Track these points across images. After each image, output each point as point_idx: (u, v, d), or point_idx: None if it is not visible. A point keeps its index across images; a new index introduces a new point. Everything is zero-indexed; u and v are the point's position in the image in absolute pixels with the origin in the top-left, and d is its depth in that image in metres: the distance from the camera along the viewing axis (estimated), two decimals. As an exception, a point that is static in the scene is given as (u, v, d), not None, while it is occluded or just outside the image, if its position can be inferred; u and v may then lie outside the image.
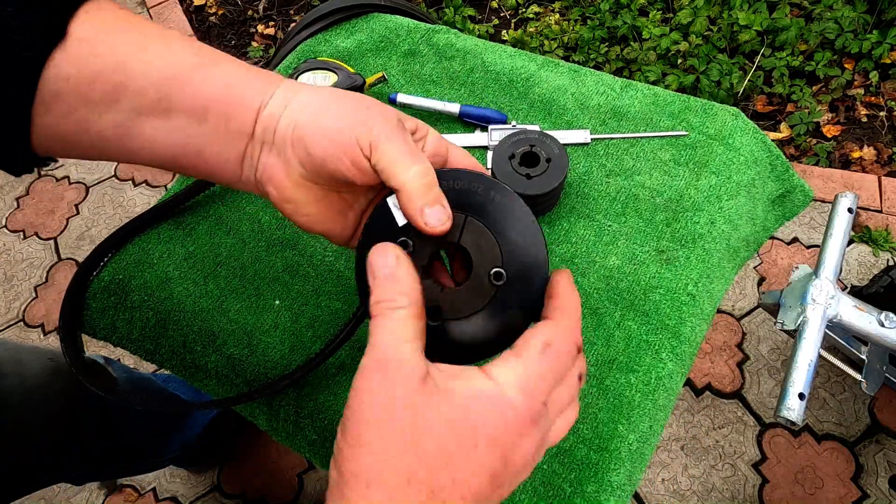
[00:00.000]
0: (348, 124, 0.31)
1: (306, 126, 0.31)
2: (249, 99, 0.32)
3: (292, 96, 0.33)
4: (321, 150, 0.31)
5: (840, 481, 1.02)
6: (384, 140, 0.30)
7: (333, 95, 0.33)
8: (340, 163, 0.30)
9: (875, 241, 1.24)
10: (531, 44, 1.60)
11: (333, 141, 0.30)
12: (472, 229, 0.32)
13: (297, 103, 0.32)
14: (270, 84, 0.33)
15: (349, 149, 0.30)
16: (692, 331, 0.52)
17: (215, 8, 1.87)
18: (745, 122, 0.62)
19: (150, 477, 1.14)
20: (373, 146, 0.30)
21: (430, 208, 0.30)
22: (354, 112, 0.31)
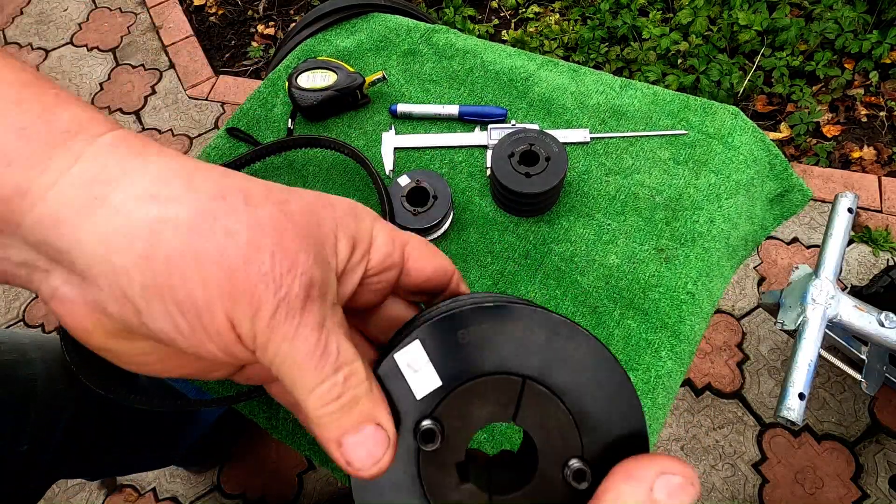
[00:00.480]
0: (217, 294, 0.18)
1: (140, 280, 0.18)
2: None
3: (108, 194, 0.18)
4: (168, 327, 0.18)
5: (840, 481, 1.02)
6: (280, 340, 0.19)
7: (196, 221, 0.18)
8: (201, 348, 0.19)
9: (875, 241, 1.24)
10: (531, 44, 1.60)
11: (191, 319, 0.18)
12: (534, 400, 0.21)
13: (118, 220, 0.18)
14: (50, 150, 0.18)
15: (217, 335, 0.19)
16: (691, 329, 0.52)
17: (215, 8, 1.88)
18: (745, 122, 0.62)
19: (150, 477, 1.14)
20: (260, 345, 0.19)
21: (352, 437, 0.19)
22: (227, 260, 0.18)
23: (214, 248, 0.18)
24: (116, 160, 0.18)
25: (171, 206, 0.18)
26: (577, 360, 0.21)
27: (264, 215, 0.19)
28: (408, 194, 0.57)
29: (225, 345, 0.19)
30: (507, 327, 0.21)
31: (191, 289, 0.18)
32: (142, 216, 0.18)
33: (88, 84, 1.77)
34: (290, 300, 0.19)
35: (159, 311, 0.18)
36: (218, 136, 0.69)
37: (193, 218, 0.18)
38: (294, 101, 0.66)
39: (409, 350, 0.21)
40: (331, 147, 0.61)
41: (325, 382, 0.19)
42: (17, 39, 1.90)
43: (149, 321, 0.18)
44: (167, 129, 1.65)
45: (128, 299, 0.18)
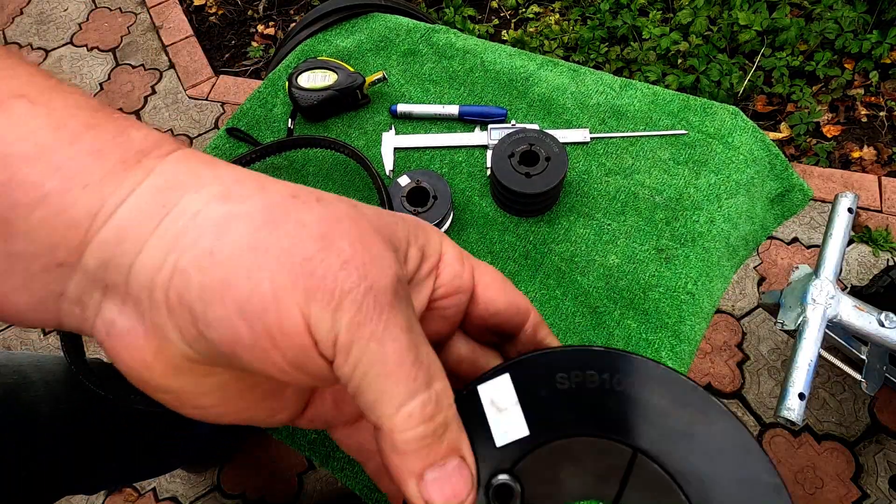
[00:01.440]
0: (289, 286, 0.16)
1: (199, 280, 0.16)
2: (66, 198, 0.16)
3: (177, 201, 0.17)
4: (227, 334, 0.16)
5: (840, 481, 1.02)
6: (367, 340, 0.16)
7: (267, 217, 0.16)
8: (266, 360, 0.16)
9: (875, 241, 1.24)
10: (531, 44, 1.60)
11: (254, 321, 0.16)
12: (645, 481, 0.16)
13: (184, 220, 0.16)
14: (124, 170, 0.17)
15: (286, 339, 0.16)
16: (691, 329, 0.52)
17: (215, 8, 1.88)
18: (745, 121, 0.62)
19: (154, 479, 1.14)
20: (342, 348, 0.16)
21: (435, 472, 0.16)
22: (304, 258, 0.16)
23: (286, 238, 0.16)
24: (188, 169, 0.17)
25: (242, 203, 0.17)
26: (709, 442, 0.16)
27: (339, 210, 0.17)
28: (408, 194, 0.57)
29: (296, 353, 0.16)
30: (620, 380, 0.17)
31: (256, 283, 0.15)
32: (210, 214, 0.16)
33: (88, 84, 1.77)
34: (377, 292, 0.16)
35: (217, 314, 0.15)
36: (218, 136, 0.69)
37: (265, 212, 0.16)
38: (294, 101, 0.66)
39: (496, 385, 0.17)
40: (331, 147, 0.61)
41: (416, 397, 0.16)
42: (17, 39, 1.90)
43: (206, 329, 0.16)
44: (167, 129, 1.65)
45: (185, 306, 0.16)
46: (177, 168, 0.17)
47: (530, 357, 0.18)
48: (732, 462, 0.16)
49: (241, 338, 0.16)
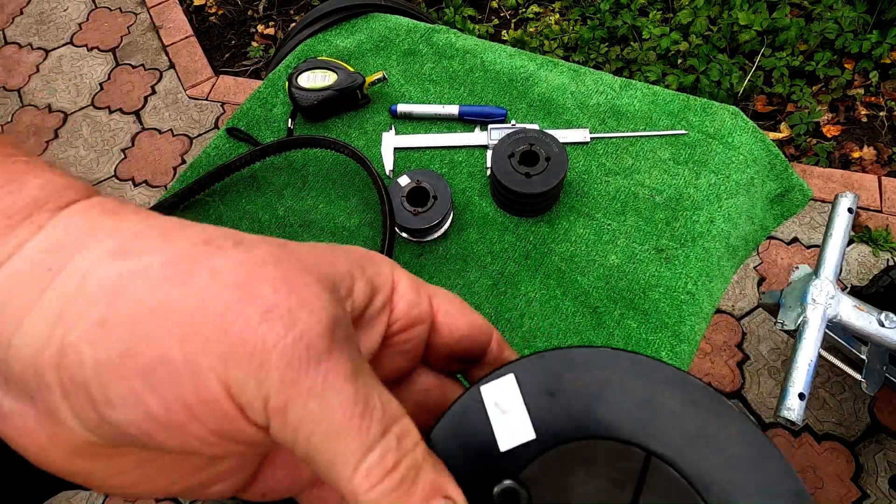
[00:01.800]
0: (201, 350, 0.14)
1: (92, 356, 0.14)
2: None
3: (66, 262, 0.14)
4: (134, 413, 0.14)
5: (840, 481, 1.02)
6: (305, 398, 0.14)
7: (171, 268, 0.14)
8: (186, 435, 0.14)
9: (875, 241, 1.24)
10: (531, 44, 1.60)
11: (165, 393, 0.14)
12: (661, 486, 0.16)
13: (73, 284, 0.14)
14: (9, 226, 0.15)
15: (206, 409, 0.14)
16: (691, 329, 0.52)
17: (215, 8, 1.88)
18: (745, 122, 0.62)
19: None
20: (277, 412, 0.14)
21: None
22: (214, 303, 0.14)
23: (195, 291, 0.14)
24: (84, 222, 0.15)
25: (141, 258, 0.14)
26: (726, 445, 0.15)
27: (261, 252, 0.15)
28: (408, 194, 0.57)
29: (221, 424, 0.14)
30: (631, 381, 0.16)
31: (163, 350, 0.13)
32: (103, 276, 0.14)
33: (88, 84, 1.77)
34: (309, 340, 0.14)
35: (120, 392, 0.13)
36: (218, 136, 0.69)
37: (168, 266, 0.14)
38: (294, 101, 0.66)
39: (499, 385, 0.16)
40: (331, 147, 0.61)
41: (374, 450, 0.14)
42: (17, 39, 1.90)
43: (107, 411, 0.13)
44: (167, 129, 1.65)
45: (79, 387, 0.13)
46: (71, 222, 0.15)
47: (535, 357, 0.17)
48: (751, 466, 0.15)
49: (151, 415, 0.13)
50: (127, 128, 1.67)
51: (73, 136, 1.67)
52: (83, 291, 0.14)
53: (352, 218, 0.61)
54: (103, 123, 1.69)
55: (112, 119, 1.69)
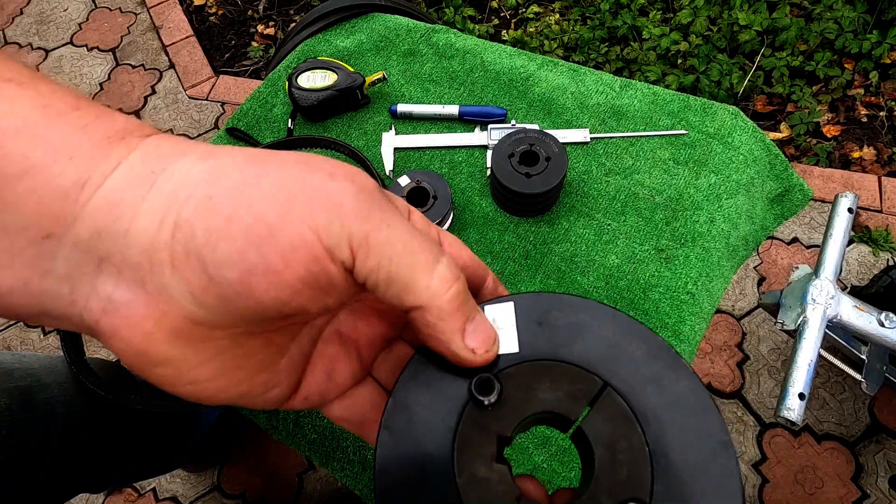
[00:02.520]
0: (290, 205, 0.16)
1: (203, 224, 0.16)
2: (53, 168, 0.16)
3: (165, 167, 0.17)
4: (239, 267, 0.16)
5: (840, 481, 1.02)
6: (379, 227, 0.17)
7: (250, 159, 0.18)
8: (280, 284, 0.16)
9: (875, 241, 1.24)
10: (531, 44, 1.60)
11: (263, 246, 0.16)
12: (610, 411, 0.18)
13: (175, 181, 0.17)
14: (109, 144, 0.17)
15: (298, 254, 0.16)
16: (691, 329, 0.52)
17: (215, 8, 1.87)
18: (745, 121, 0.62)
19: (151, 479, 1.14)
20: (360, 243, 0.17)
21: (471, 324, 0.19)
22: (300, 185, 0.17)
23: (274, 169, 0.17)
24: (170, 143, 0.18)
25: (224, 156, 0.18)
26: (673, 394, 0.18)
27: (307, 153, 0.19)
28: (408, 194, 0.57)
29: (310, 268, 0.16)
30: (606, 328, 0.19)
31: (259, 211, 0.16)
32: (201, 168, 0.17)
33: (88, 84, 1.77)
34: (368, 191, 0.18)
35: (226, 250, 0.16)
36: (218, 136, 0.69)
37: (248, 157, 0.18)
38: (294, 101, 0.66)
39: (501, 307, 0.20)
40: (331, 147, 0.61)
41: (440, 262, 0.18)
42: (17, 39, 1.90)
43: (216, 270, 0.16)
44: (167, 129, 1.65)
45: (192, 255, 0.16)
46: (160, 143, 0.18)
47: (534, 294, 0.21)
48: (690, 414, 0.18)
49: (252, 266, 0.16)
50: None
51: (73, 136, 1.67)
52: (187, 181, 0.17)
53: (352, 218, 0.61)
54: (103, 123, 1.68)
55: (112, 119, 1.69)
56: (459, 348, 0.19)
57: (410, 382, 0.20)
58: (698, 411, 0.18)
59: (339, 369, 0.23)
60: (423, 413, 0.19)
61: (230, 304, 0.17)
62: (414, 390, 0.20)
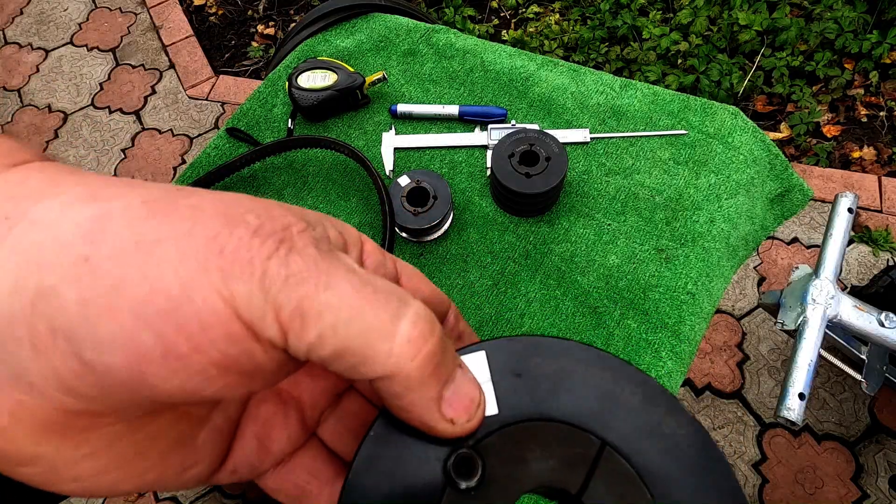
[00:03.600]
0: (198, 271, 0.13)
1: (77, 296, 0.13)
2: None
3: (25, 211, 0.13)
4: (127, 351, 0.13)
5: (840, 481, 1.02)
6: (316, 291, 0.14)
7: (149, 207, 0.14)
8: (184, 371, 0.13)
9: (875, 241, 1.24)
10: (531, 44, 1.60)
11: (162, 325, 0.13)
12: (612, 474, 0.16)
13: (39, 232, 0.13)
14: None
15: (209, 334, 0.13)
16: (691, 329, 0.52)
17: (215, 8, 1.87)
18: (745, 121, 0.62)
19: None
20: (292, 315, 0.13)
21: (449, 387, 0.16)
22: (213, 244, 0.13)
23: (181, 223, 0.13)
24: (43, 177, 0.14)
25: (116, 200, 0.13)
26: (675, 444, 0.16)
27: (232, 195, 0.15)
28: (408, 194, 0.57)
29: (227, 349, 0.13)
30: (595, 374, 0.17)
31: (156, 280, 0.12)
32: (77, 219, 0.13)
33: (88, 84, 1.77)
34: (300, 250, 0.14)
35: (110, 329, 0.12)
36: (218, 136, 0.69)
37: (147, 204, 0.13)
38: (294, 101, 0.66)
39: (470, 360, 0.17)
40: (331, 147, 0.61)
41: (402, 320, 0.14)
42: (17, 39, 1.90)
43: (96, 354, 0.12)
44: (167, 129, 1.65)
45: (60, 334, 0.12)
46: (27, 176, 0.14)
47: (507, 339, 0.17)
48: (698, 468, 0.16)
49: (146, 351, 0.12)
50: (127, 128, 1.67)
51: (73, 137, 1.67)
52: (55, 235, 0.13)
53: (352, 218, 0.61)
54: (103, 123, 1.69)
55: (112, 119, 1.69)
56: (435, 421, 0.15)
57: (368, 469, 0.16)
58: (704, 461, 0.16)
59: (276, 435, 0.19)
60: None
61: (115, 394, 0.13)
62: (374, 483, 0.16)
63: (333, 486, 0.20)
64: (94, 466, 0.14)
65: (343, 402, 0.21)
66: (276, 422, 0.19)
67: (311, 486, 0.20)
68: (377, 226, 0.60)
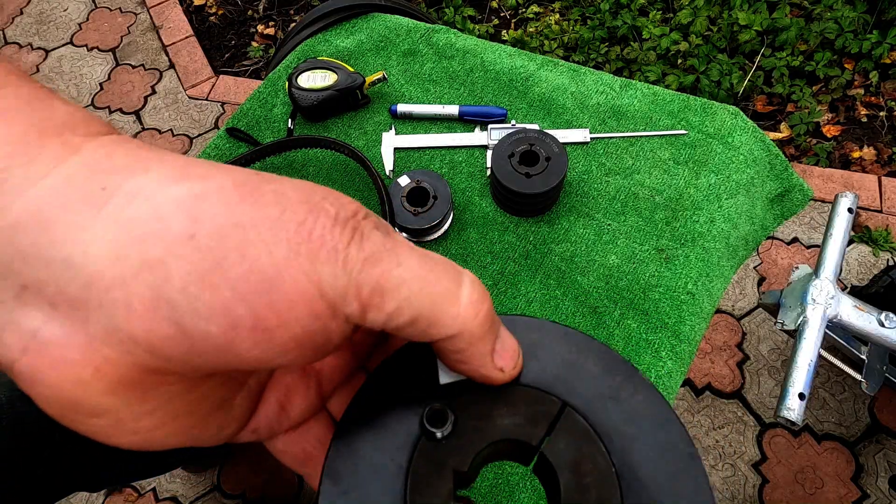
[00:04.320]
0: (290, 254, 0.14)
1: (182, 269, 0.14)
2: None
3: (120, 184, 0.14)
4: (223, 322, 0.14)
5: (840, 481, 1.02)
6: (390, 269, 0.15)
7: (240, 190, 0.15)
8: (267, 343, 0.15)
9: (875, 241, 1.24)
10: (531, 44, 1.60)
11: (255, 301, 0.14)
12: (571, 432, 0.18)
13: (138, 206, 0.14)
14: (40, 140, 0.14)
15: (295, 311, 0.14)
16: (691, 329, 0.52)
17: (215, 8, 1.87)
18: (745, 121, 0.62)
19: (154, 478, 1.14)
20: (372, 292, 0.15)
21: (499, 342, 0.18)
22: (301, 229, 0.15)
23: (271, 207, 0.14)
24: (125, 151, 0.15)
25: (208, 181, 0.14)
26: (633, 408, 0.18)
27: (306, 182, 0.16)
28: (408, 194, 0.57)
29: (308, 325, 0.15)
30: (562, 347, 0.19)
31: (253, 260, 0.14)
32: (173, 195, 0.14)
33: (88, 84, 1.77)
34: (368, 233, 0.15)
35: (210, 302, 0.14)
36: (218, 136, 0.69)
37: (238, 187, 0.15)
38: (294, 101, 0.66)
39: None
40: (331, 147, 0.61)
41: (462, 285, 0.16)
42: (17, 39, 1.90)
43: (193, 322, 0.14)
44: (167, 129, 1.65)
45: (162, 301, 0.13)
46: (112, 149, 0.15)
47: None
48: (652, 428, 0.17)
49: (239, 323, 0.14)
50: (127, 128, 1.67)
51: (73, 136, 1.67)
52: (156, 210, 0.14)
53: (352, 218, 0.61)
54: (103, 123, 1.68)
55: (112, 119, 1.69)
56: (490, 370, 0.18)
57: (355, 422, 0.18)
58: (661, 424, 0.17)
59: (295, 401, 0.21)
60: (371, 455, 0.18)
61: (201, 357, 0.14)
62: (359, 431, 0.18)
63: None
64: (153, 421, 0.16)
65: (353, 380, 0.23)
66: (297, 390, 0.21)
67: (317, 452, 0.22)
68: (377, 226, 0.60)
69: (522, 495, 0.46)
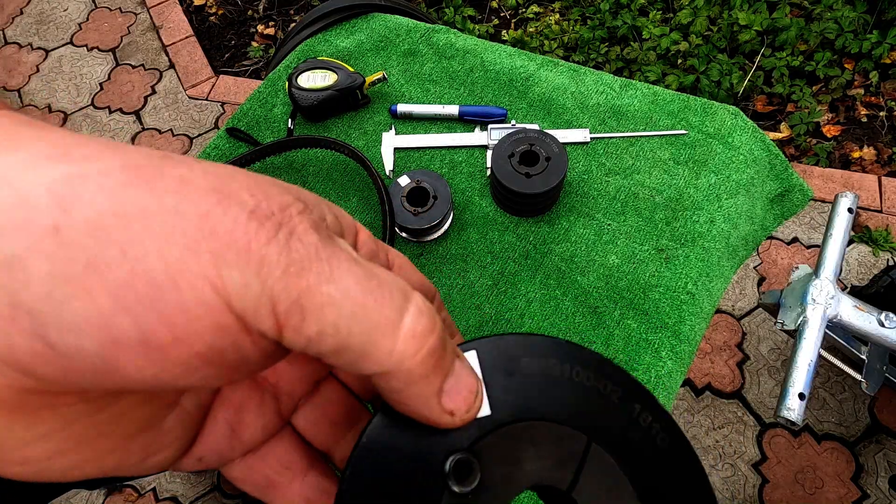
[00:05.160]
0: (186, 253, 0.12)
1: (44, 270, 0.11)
2: None
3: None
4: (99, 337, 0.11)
5: (840, 481, 1.02)
6: (318, 283, 0.12)
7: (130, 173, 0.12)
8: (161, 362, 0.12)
9: (875, 241, 1.24)
10: (531, 44, 1.60)
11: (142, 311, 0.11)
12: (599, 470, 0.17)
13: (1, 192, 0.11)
14: None
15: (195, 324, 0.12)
16: (691, 329, 0.52)
17: (215, 8, 1.87)
18: (745, 121, 0.62)
19: (150, 476, 1.14)
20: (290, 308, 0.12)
21: (450, 380, 0.15)
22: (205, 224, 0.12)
23: (167, 195, 0.12)
24: (3, 127, 0.12)
25: (90, 162, 0.12)
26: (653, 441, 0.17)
27: (228, 168, 0.13)
28: (408, 194, 0.57)
29: (213, 341, 0.12)
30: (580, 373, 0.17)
31: (138, 259, 0.11)
32: (45, 179, 0.11)
33: (88, 84, 1.77)
34: (300, 235, 0.12)
35: (83, 313, 0.11)
36: (218, 136, 0.69)
37: (129, 170, 0.12)
38: (294, 101, 0.66)
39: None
40: (331, 147, 0.61)
41: (406, 315, 0.13)
42: (17, 39, 1.90)
43: (60, 337, 0.11)
44: (167, 129, 1.65)
45: (21, 311, 0.11)
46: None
47: (497, 338, 0.17)
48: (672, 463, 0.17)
49: (122, 337, 0.11)
50: (127, 128, 1.67)
51: (73, 136, 1.67)
52: (20, 196, 0.11)
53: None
54: (103, 123, 1.69)
55: (112, 119, 1.69)
56: (436, 414, 0.15)
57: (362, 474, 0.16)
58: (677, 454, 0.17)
59: (248, 422, 0.18)
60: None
61: (79, 378, 0.12)
62: (367, 484, 0.15)
63: (305, 477, 0.19)
64: (47, 449, 0.13)
65: (321, 389, 0.20)
66: (250, 408, 0.18)
67: (281, 478, 0.19)
68: (377, 226, 0.60)
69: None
